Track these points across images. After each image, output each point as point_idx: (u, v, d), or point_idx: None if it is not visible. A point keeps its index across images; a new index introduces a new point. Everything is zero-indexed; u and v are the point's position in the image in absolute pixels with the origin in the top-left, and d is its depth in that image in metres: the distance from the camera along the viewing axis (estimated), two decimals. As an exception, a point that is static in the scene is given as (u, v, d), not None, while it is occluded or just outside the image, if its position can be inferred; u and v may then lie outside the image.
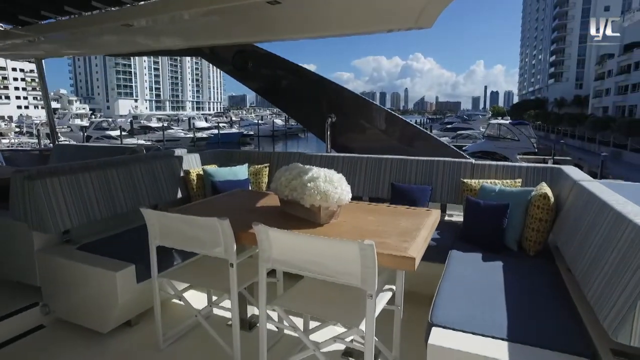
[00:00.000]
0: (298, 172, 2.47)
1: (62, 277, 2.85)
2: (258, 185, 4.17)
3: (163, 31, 3.86)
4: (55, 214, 2.88)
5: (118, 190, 3.35)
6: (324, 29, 3.38)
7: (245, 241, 2.24)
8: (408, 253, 1.86)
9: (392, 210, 2.65)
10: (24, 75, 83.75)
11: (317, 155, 4.26)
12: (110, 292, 2.61)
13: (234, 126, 54.05)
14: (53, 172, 3.03)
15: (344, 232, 2.21)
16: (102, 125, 40.98)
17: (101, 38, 4.19)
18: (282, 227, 2.26)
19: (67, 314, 2.91)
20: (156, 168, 3.74)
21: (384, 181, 3.90)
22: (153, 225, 2.43)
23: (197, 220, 2.21)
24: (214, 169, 4.01)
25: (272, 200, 2.84)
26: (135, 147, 4.70)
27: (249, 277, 2.44)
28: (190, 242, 2.34)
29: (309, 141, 49.54)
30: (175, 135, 38.56)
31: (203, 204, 2.91)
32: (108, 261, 2.73)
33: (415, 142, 4.46)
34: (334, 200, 2.27)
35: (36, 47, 4.78)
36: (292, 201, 2.43)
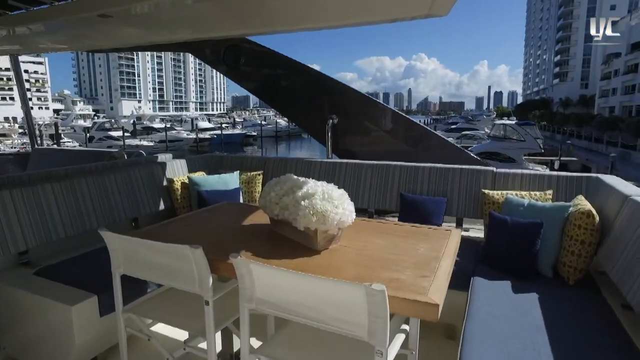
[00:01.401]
0: (290, 186, 2.05)
1: (13, 308, 2.43)
2: (250, 196, 3.74)
3: (142, 22, 3.45)
4: (5, 234, 2.45)
5: (88, 203, 2.93)
6: (328, 18, 2.95)
7: (225, 273, 1.82)
8: (430, 297, 1.43)
9: (405, 230, 2.23)
10: (28, 76, 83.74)
11: (317, 161, 3.82)
12: (66, 330, 2.19)
13: (237, 127, 53.75)
14: (6, 183, 2.61)
15: (345, 263, 1.79)
16: (105, 126, 40.78)
17: (78, 30, 3.79)
18: (272, 253, 1.87)
19: (20, 353, 2.48)
20: (135, 177, 3.32)
21: (392, 191, 3.46)
22: (115, 251, 2.00)
23: (164, 247, 1.79)
24: (200, 177, 3.59)
25: (262, 217, 2.42)
26: (115, 153, 4.29)
27: (232, 312, 2.01)
28: (159, 272, 1.91)
29: (312, 142, 48.87)
30: (178, 136, 38.32)
31: (180, 221, 2.48)
32: (67, 291, 2.31)
33: (426, 146, 4.02)
34: (334, 222, 1.84)
35: (9, 41, 4.38)
36: (284, 221, 2.01)
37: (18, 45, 4.57)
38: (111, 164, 3.37)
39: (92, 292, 2.28)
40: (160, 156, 3.83)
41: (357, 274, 1.67)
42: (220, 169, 4.00)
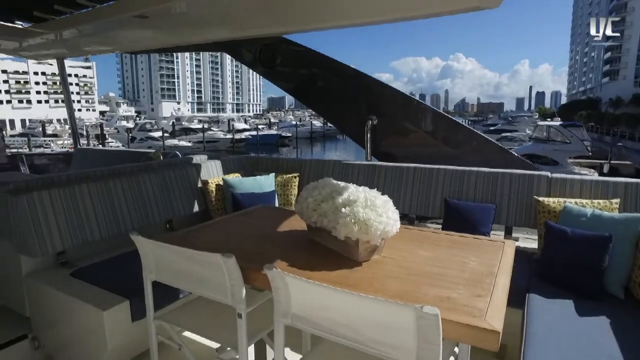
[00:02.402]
0: (330, 192, 1.90)
1: (51, 308, 2.43)
2: (286, 199, 3.63)
3: (179, 23, 3.42)
4: (43, 235, 2.45)
5: (122, 204, 2.90)
6: (370, 13, 2.79)
7: (259, 284, 1.70)
8: (488, 323, 1.25)
9: (452, 240, 2.04)
10: (78, 80, 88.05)
11: (355, 164, 3.66)
12: (99, 333, 2.15)
13: (272, 128, 54.26)
14: (45, 184, 2.61)
15: (389, 277, 1.63)
16: (146, 127, 42.29)
17: (117, 32, 3.81)
18: (309, 264, 1.73)
19: (57, 353, 2.49)
20: (170, 178, 3.28)
21: (435, 196, 3.25)
22: (147, 256, 1.93)
23: (195, 255, 1.69)
24: (235, 179, 3.51)
25: (299, 222, 2.29)
26: (151, 154, 4.29)
27: (266, 324, 1.89)
28: (190, 280, 1.82)
29: (347, 143, 48.75)
30: (215, 137, 39.05)
31: (214, 225, 2.39)
32: (100, 294, 2.27)
33: (472, 148, 3.77)
34: (377, 232, 1.69)
35: (56, 45, 4.50)
36: (322, 229, 1.87)
37: (64, 48, 4.68)
38: (146, 165, 3.35)
39: (124, 296, 2.24)
40: (195, 157, 3.78)
41: (402, 290, 1.51)
42: (256, 170, 3.91)
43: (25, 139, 34.23)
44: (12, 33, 4.11)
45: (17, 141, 32.33)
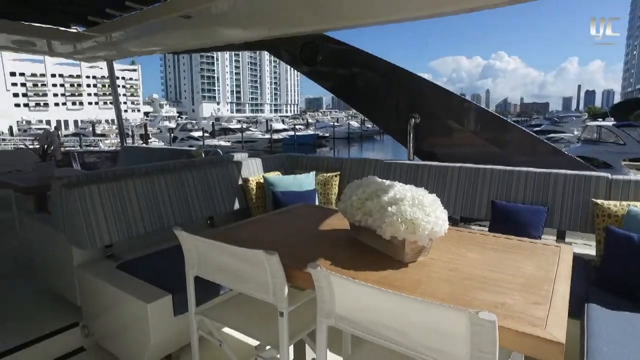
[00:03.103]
0: (375, 189, 1.84)
1: (100, 298, 2.52)
2: (326, 198, 3.59)
3: (222, 22, 3.46)
4: (93, 228, 2.54)
5: (166, 200, 2.96)
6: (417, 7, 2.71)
7: (300, 283, 1.66)
8: (550, 333, 1.15)
9: (502, 243, 1.92)
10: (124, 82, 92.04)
11: (397, 162, 3.57)
12: (143, 326, 2.19)
13: (309, 128, 54.51)
14: (95, 179, 2.70)
15: (437, 280, 1.55)
16: (187, 127, 43.56)
17: (163, 33, 3.92)
18: (352, 264, 1.68)
19: (104, 341, 2.57)
20: (211, 175, 3.32)
21: (481, 197, 3.12)
22: (189, 251, 1.94)
23: (238, 251, 1.68)
24: (276, 177, 3.51)
25: (341, 221, 2.25)
26: (193, 151, 4.37)
27: (307, 324, 1.86)
28: (232, 277, 1.81)
29: (385, 144, 48.33)
30: (253, 137, 39.64)
31: (256, 223, 2.38)
32: (144, 287, 2.32)
33: (521, 148, 3.59)
34: (425, 232, 1.61)
35: (106, 47, 4.68)
36: (367, 228, 1.82)
37: (114, 50, 4.86)
38: (189, 162, 3.41)
39: (167, 290, 2.27)
40: (236, 155, 3.82)
41: (452, 294, 1.43)
42: (296, 169, 3.90)
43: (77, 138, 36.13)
44: (68, 37, 4.31)
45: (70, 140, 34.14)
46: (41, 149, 3.90)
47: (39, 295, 3.02)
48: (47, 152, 3.90)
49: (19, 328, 2.62)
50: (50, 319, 2.70)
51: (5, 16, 3.85)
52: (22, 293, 3.12)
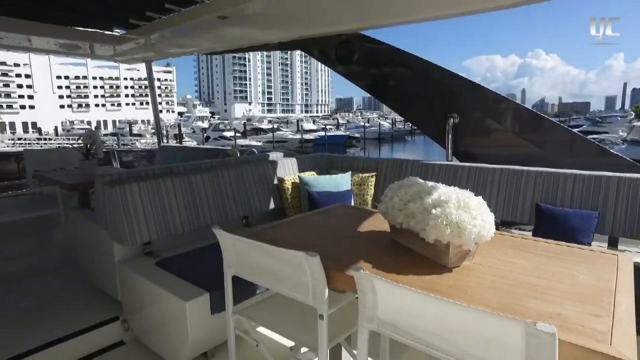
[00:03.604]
0: (417, 191, 1.79)
1: (139, 294, 2.57)
2: (362, 199, 3.54)
3: (258, 22, 3.47)
4: (133, 225, 2.60)
5: (203, 199, 2.99)
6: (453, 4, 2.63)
7: (341, 285, 1.63)
8: (617, 350, 1.07)
9: (551, 249, 1.83)
10: (160, 84, 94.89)
11: (435, 164, 3.48)
12: (181, 323, 2.22)
13: (340, 128, 54.45)
14: (135, 177, 2.76)
15: (484, 286, 1.48)
16: (219, 127, 44.41)
17: (200, 33, 3.98)
18: (394, 267, 1.63)
19: (143, 336, 2.62)
20: (247, 174, 3.34)
21: (524, 201, 2.99)
22: (227, 250, 1.94)
23: (278, 252, 1.66)
24: (311, 177, 3.49)
25: (379, 222, 2.20)
26: (229, 150, 4.42)
27: (346, 327, 1.83)
28: (270, 278, 1.79)
29: (416, 144, 47.69)
30: (284, 137, 39.93)
31: (293, 223, 2.37)
32: (182, 285, 2.34)
33: (568, 149, 3.43)
34: (471, 236, 1.54)
35: (145, 49, 4.80)
36: (408, 231, 1.76)
37: (153, 52, 4.98)
38: (225, 161, 3.44)
39: (204, 289, 2.28)
40: (271, 154, 3.83)
41: (501, 302, 1.36)
42: (331, 169, 3.87)
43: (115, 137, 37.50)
44: (110, 40, 4.45)
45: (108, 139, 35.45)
46: (85, 147, 4.04)
47: (83, 289, 3.12)
48: (90, 151, 4.04)
49: (64, 320, 2.71)
50: (93, 312, 2.78)
51: (52, 21, 4.01)
52: (67, 286, 3.23)
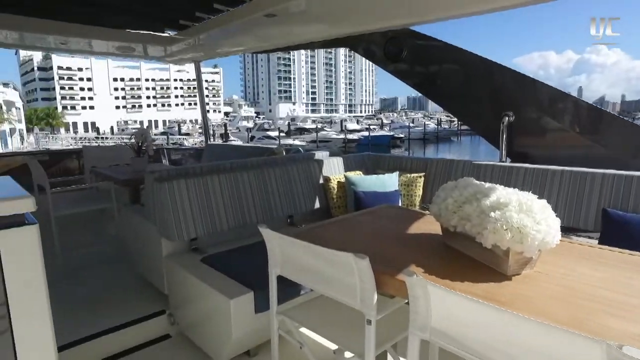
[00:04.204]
0: (473, 192, 1.68)
1: (185, 289, 2.61)
2: (410, 199, 3.43)
3: (305, 19, 3.44)
4: (181, 221, 2.64)
5: (248, 197, 3.00)
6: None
7: (390, 290, 1.55)
8: None
9: (625, 259, 1.66)
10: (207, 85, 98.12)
11: (488, 164, 3.30)
12: (225, 320, 2.22)
13: (384, 128, 53.90)
14: (183, 173, 2.81)
15: (549, 298, 1.35)
16: (264, 127, 45.28)
17: (248, 32, 4.00)
18: (447, 273, 1.53)
19: (188, 330, 2.66)
20: (292, 173, 3.32)
21: (589, 205, 2.77)
22: (273, 250, 1.91)
23: (326, 253, 1.60)
24: (357, 177, 3.42)
25: (429, 224, 2.10)
26: (275, 149, 4.43)
27: (394, 333, 1.75)
28: (316, 279, 1.75)
29: (463, 145, 46.32)
30: (328, 137, 40.03)
31: (339, 223, 2.31)
32: (227, 282, 2.35)
33: (633, 148, 3.15)
34: (534, 242, 1.42)
35: (194, 49, 4.90)
36: (463, 235, 1.66)
37: (202, 52, 5.08)
38: (271, 160, 3.44)
39: (248, 287, 2.28)
40: (317, 153, 3.79)
41: (571, 317, 1.23)
42: (378, 169, 3.78)
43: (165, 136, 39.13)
44: (161, 41, 4.60)
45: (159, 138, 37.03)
46: (136, 145, 4.18)
47: (133, 281, 3.22)
48: (141, 148, 4.18)
49: (115, 310, 2.80)
50: (141, 304, 2.86)
51: (109, 24, 4.19)
52: (119, 278, 3.35)
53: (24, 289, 1.41)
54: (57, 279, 3.34)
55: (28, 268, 1.40)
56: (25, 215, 1.43)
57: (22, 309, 1.38)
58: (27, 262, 1.40)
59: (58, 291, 3.16)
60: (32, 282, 1.42)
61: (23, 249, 1.42)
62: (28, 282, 1.42)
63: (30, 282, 1.42)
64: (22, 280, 1.40)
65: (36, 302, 1.42)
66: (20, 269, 1.38)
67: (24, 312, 1.39)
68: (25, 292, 1.41)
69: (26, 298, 1.40)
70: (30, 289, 1.42)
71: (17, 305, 1.37)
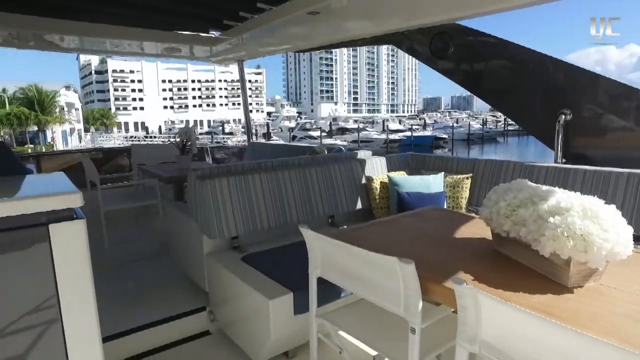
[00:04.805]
0: (529, 195, 1.55)
1: (225, 287, 2.61)
2: (455, 202, 3.27)
3: (349, 16, 3.38)
4: (222, 219, 2.65)
5: (289, 196, 2.97)
6: None
7: (436, 297, 1.46)
8: None
9: None
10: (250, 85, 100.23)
11: (542, 166, 3.09)
12: (264, 320, 2.20)
13: (427, 129, 52.84)
14: (225, 172, 2.82)
15: (622, 316, 1.21)
16: (305, 127, 45.60)
17: (291, 31, 3.98)
18: (498, 282, 1.43)
19: (227, 328, 2.67)
20: (334, 172, 3.26)
21: None
22: (314, 251, 1.86)
23: (369, 256, 1.53)
24: (401, 177, 3.31)
25: (478, 228, 1.98)
26: (316, 148, 4.38)
27: (438, 343, 1.65)
28: (358, 282, 1.68)
29: (509, 146, 44.58)
30: (369, 137, 39.73)
31: (382, 225, 2.22)
32: (266, 282, 2.32)
33: None
34: (602, 252, 1.28)
35: (238, 49, 4.95)
36: (516, 241, 1.54)
37: (245, 51, 5.13)
38: (312, 159, 3.40)
39: (288, 288, 2.24)
40: (359, 153, 3.72)
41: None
42: (422, 169, 3.65)
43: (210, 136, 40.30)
44: (206, 41, 4.68)
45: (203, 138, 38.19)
46: (181, 143, 4.27)
47: (176, 277, 3.27)
48: (186, 146, 4.27)
49: (158, 305, 2.86)
50: (183, 300, 2.90)
51: (157, 26, 4.31)
52: (163, 273, 3.42)
53: (73, 280, 1.46)
54: (104, 272, 3.47)
55: (76, 260, 1.45)
56: (74, 210, 1.48)
57: (71, 299, 1.44)
58: (76, 254, 1.45)
59: (104, 284, 3.28)
60: (79, 274, 1.47)
61: (72, 242, 1.47)
62: (76, 274, 1.47)
63: (78, 274, 1.47)
64: (70, 272, 1.45)
65: (84, 293, 1.47)
66: (69, 261, 1.42)
67: (73, 302, 1.44)
68: (74, 283, 1.46)
69: (75, 289, 1.45)
70: (78, 280, 1.47)
71: (66, 295, 1.42)
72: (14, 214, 1.47)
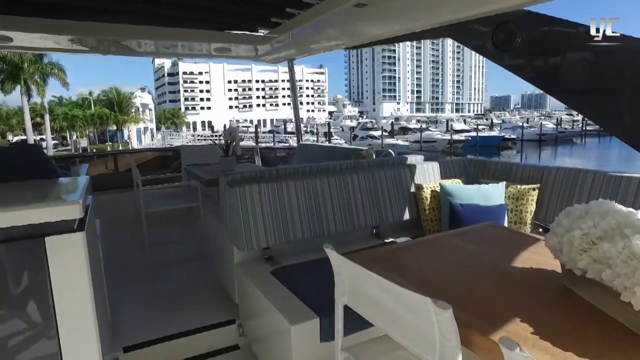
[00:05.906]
0: (617, 224, 1.17)
1: (252, 301, 2.44)
2: (519, 216, 2.83)
3: (400, 7, 3.08)
4: (251, 230, 2.46)
5: (327, 204, 2.72)
6: None
7: (479, 350, 1.15)
8: None
9: None
10: (312, 85, 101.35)
11: (632, 176, 2.57)
12: (286, 345, 1.98)
13: (494, 129, 50.20)
14: (257, 177, 2.62)
15: None
16: (367, 126, 45.24)
17: (339, 25, 3.75)
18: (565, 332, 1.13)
19: (255, 344, 2.49)
20: (380, 179, 2.96)
21: None
22: (340, 275, 1.60)
23: (399, 292, 1.24)
24: (455, 186, 2.93)
25: (544, 256, 1.60)
26: (363, 151, 4.08)
27: None
28: (388, 319, 1.39)
29: (587, 149, 41.04)
30: (432, 137, 38.49)
31: (428, 245, 1.92)
32: (292, 302, 2.10)
33: None
34: None
35: (287, 47, 4.80)
36: (595, 282, 1.17)
37: (294, 49, 4.96)
38: (356, 164, 3.11)
39: (315, 311, 2.00)
40: (410, 157, 3.37)
41: None
42: (481, 177, 3.23)
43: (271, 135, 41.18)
44: (255, 40, 4.58)
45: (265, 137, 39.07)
46: (225, 144, 4.17)
47: (208, 286, 3.16)
48: (229, 147, 4.16)
49: (189, 314, 2.75)
50: (213, 311, 2.77)
51: (207, 26, 4.26)
52: (197, 280, 3.32)
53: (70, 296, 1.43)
54: (140, 275, 3.44)
55: (74, 276, 1.42)
56: (75, 221, 1.43)
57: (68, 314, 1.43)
58: (74, 269, 1.42)
59: (138, 287, 3.24)
60: (77, 289, 1.44)
61: (69, 256, 1.42)
62: (74, 289, 1.44)
63: (76, 290, 1.44)
64: (68, 286, 1.42)
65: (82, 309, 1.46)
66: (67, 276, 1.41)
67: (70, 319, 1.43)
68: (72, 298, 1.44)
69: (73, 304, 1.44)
70: (76, 295, 1.44)
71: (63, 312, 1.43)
72: (2, 225, 1.37)
